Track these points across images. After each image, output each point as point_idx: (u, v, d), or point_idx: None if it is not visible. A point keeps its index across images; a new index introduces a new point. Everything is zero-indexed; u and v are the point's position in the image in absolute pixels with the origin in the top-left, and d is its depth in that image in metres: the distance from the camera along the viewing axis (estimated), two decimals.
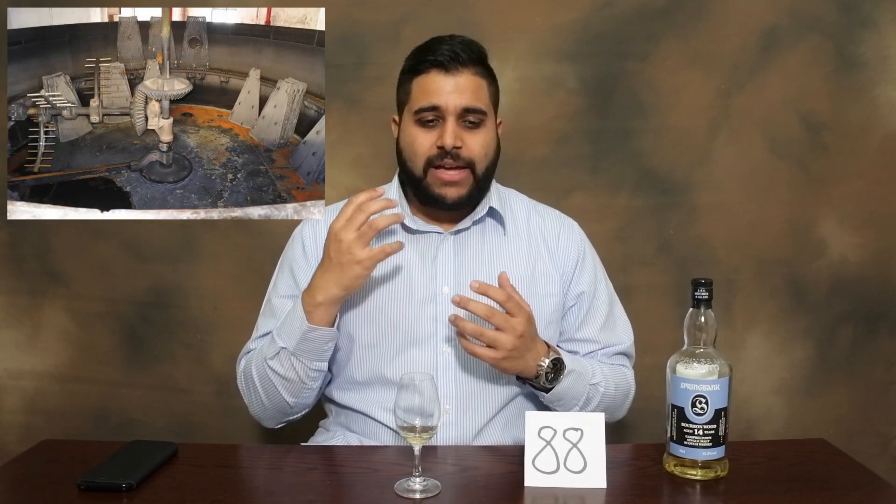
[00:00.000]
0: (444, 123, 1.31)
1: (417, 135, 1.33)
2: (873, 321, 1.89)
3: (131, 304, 1.87)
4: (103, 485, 1.07)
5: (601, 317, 1.43)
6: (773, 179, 1.84)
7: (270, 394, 1.32)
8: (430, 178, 1.33)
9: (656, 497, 1.09)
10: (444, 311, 1.32)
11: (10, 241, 1.88)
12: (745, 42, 1.81)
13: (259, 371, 1.32)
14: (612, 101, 1.81)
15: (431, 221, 1.39)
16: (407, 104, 1.36)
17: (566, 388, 1.29)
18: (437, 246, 1.37)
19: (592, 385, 1.34)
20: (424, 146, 1.32)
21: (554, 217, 1.48)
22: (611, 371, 1.39)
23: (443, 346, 1.33)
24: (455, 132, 1.30)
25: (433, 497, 1.06)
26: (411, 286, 1.35)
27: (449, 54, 1.31)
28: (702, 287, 1.12)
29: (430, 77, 1.32)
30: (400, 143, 1.37)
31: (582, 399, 1.32)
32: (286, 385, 1.30)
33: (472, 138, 1.33)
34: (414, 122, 1.34)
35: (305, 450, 1.33)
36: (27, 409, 1.93)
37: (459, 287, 1.34)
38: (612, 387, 1.37)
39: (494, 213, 1.40)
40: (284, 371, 1.28)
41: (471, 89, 1.32)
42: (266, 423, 1.40)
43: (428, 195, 1.34)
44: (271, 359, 1.29)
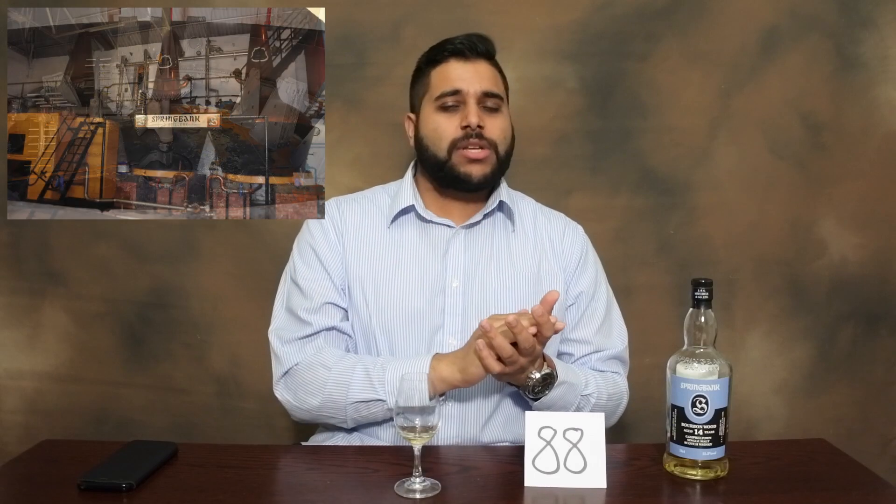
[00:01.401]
0: (466, 106, 1.36)
1: (441, 120, 1.38)
2: (873, 321, 1.89)
3: (131, 304, 1.87)
4: (103, 485, 1.07)
5: (598, 319, 1.44)
6: (773, 179, 1.84)
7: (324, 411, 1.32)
8: (455, 159, 1.36)
9: (656, 497, 1.09)
10: (453, 303, 1.36)
11: (10, 241, 1.88)
12: (745, 42, 1.81)
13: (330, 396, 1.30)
14: (612, 101, 1.81)
15: (443, 214, 1.42)
16: (426, 94, 1.40)
17: (555, 399, 1.29)
18: (448, 240, 1.40)
19: (584, 396, 1.34)
20: (449, 130, 1.37)
21: (559, 219, 1.52)
22: (604, 381, 1.39)
23: (449, 339, 1.35)
24: (478, 113, 1.35)
25: (433, 497, 1.06)
26: (422, 278, 1.37)
27: (466, 44, 1.38)
28: (702, 287, 1.12)
29: (450, 65, 1.39)
30: (421, 131, 1.41)
31: (572, 408, 1.33)
32: (358, 419, 1.32)
33: (492, 121, 1.38)
34: (435, 109, 1.38)
35: (305, 450, 1.33)
36: (27, 409, 1.93)
37: (469, 281, 1.38)
38: (605, 397, 1.38)
39: (504, 206, 1.44)
40: (363, 414, 1.30)
41: (488, 75, 1.39)
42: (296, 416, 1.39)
43: (453, 176, 1.37)
44: (354, 403, 1.28)
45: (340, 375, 1.29)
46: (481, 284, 1.38)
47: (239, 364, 1.85)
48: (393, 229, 1.41)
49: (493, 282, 1.39)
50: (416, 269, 1.38)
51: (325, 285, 1.37)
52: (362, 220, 1.42)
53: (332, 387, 1.29)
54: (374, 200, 1.46)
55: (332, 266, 1.39)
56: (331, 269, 1.38)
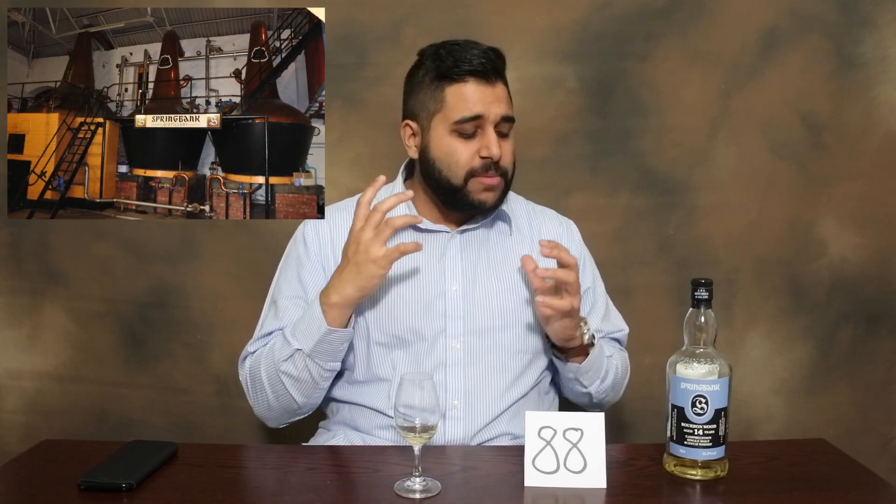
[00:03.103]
0: (484, 133, 1.31)
1: (458, 146, 1.32)
2: (873, 321, 1.89)
3: (131, 304, 1.87)
4: (103, 485, 1.07)
5: (601, 309, 1.49)
6: (773, 179, 1.84)
7: (280, 394, 1.32)
8: (470, 187, 1.33)
9: (656, 497, 1.09)
10: (453, 307, 1.36)
11: (10, 241, 1.88)
12: (745, 42, 1.81)
13: (269, 372, 1.31)
14: (612, 101, 1.81)
15: (439, 221, 1.40)
16: (440, 112, 1.33)
17: (594, 359, 1.34)
18: (444, 244, 1.39)
19: (609, 357, 1.39)
20: (466, 156, 1.32)
21: (552, 217, 1.51)
22: (612, 348, 1.45)
23: (452, 342, 1.35)
24: (497, 142, 1.32)
25: (433, 497, 1.06)
26: (420, 284, 1.36)
27: (487, 64, 1.31)
28: (702, 287, 1.12)
29: (469, 86, 1.31)
30: (432, 151, 1.34)
31: (602, 371, 1.36)
32: (298, 386, 1.30)
33: (506, 147, 1.34)
34: (451, 132, 1.32)
35: (305, 450, 1.33)
36: (27, 409, 1.93)
37: (468, 284, 1.37)
38: (619, 361, 1.43)
39: (501, 212, 1.42)
40: (298, 372, 1.28)
41: (505, 98, 1.35)
42: (270, 423, 1.40)
43: (467, 202, 1.34)
44: (285, 360, 1.28)
45: (266, 355, 1.32)
46: (482, 286, 1.37)
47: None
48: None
49: (493, 283, 1.38)
50: (413, 276, 1.36)
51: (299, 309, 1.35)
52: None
53: (265, 367, 1.31)
54: None
55: (310, 288, 1.37)
56: (309, 291, 1.37)
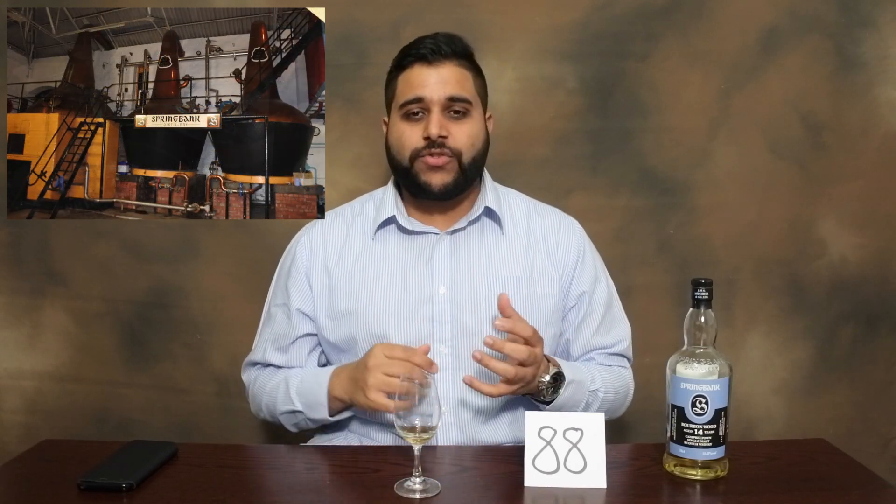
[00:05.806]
0: (429, 115, 1.33)
1: (404, 129, 1.35)
2: (873, 321, 1.89)
3: (131, 304, 1.87)
4: (103, 485, 1.07)
5: (598, 317, 1.43)
6: (773, 179, 1.84)
7: (278, 422, 1.40)
8: (416, 167, 1.34)
9: (656, 497, 1.09)
10: (441, 311, 1.34)
11: (10, 241, 1.88)
12: (745, 42, 1.81)
13: (269, 410, 1.39)
14: (612, 101, 1.81)
15: (427, 222, 1.39)
16: (394, 100, 1.38)
17: (565, 399, 1.29)
18: (433, 246, 1.37)
19: (592, 392, 1.34)
20: (412, 139, 1.34)
21: (553, 215, 1.48)
22: (610, 375, 1.38)
23: (439, 347, 1.33)
24: (440, 122, 1.32)
25: (433, 497, 1.06)
26: (407, 287, 1.35)
27: (431, 47, 1.34)
28: (702, 287, 1.12)
29: (414, 71, 1.34)
30: (388, 138, 1.39)
31: (581, 405, 1.33)
32: (295, 425, 1.38)
33: (458, 128, 1.34)
34: (400, 116, 1.36)
35: (305, 450, 1.33)
36: (27, 409, 1.93)
37: (457, 287, 1.35)
38: (612, 392, 1.37)
39: (491, 212, 1.40)
40: (296, 421, 1.37)
41: (454, 79, 1.34)
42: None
43: (415, 184, 1.35)
44: (284, 413, 1.36)
45: (269, 393, 1.38)
46: (470, 290, 1.35)
47: (239, 364, 1.83)
48: (377, 241, 1.39)
49: (482, 287, 1.35)
50: (400, 279, 1.35)
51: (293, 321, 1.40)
52: (347, 237, 1.41)
53: (266, 403, 1.39)
54: (361, 212, 1.44)
55: (294, 298, 1.40)
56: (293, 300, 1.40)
